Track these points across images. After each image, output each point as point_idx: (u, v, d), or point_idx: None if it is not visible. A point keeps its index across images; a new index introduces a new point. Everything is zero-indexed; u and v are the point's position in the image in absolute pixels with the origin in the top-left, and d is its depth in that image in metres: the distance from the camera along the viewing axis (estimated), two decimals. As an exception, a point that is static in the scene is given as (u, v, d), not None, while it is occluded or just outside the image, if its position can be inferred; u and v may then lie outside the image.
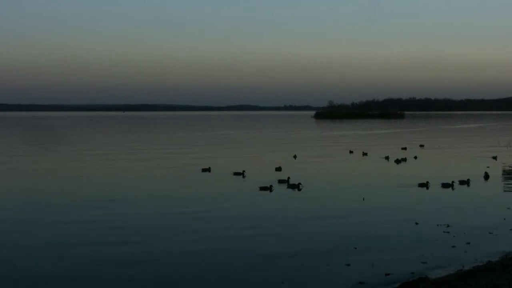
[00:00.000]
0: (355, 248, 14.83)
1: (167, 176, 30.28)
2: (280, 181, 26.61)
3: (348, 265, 13.39)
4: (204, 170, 31.78)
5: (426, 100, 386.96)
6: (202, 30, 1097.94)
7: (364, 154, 42.96)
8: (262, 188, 24.70)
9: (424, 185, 25.67)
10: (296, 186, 25.14)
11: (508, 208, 20.38)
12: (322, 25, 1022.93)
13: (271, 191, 24.44)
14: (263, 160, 38.12)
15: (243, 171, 30.09)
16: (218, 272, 13.00)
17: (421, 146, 52.45)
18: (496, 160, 38.05)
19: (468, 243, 15.26)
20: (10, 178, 30.54)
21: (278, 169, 31.98)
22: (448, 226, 17.30)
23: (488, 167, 33.00)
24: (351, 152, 45.13)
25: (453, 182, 25.67)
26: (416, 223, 17.79)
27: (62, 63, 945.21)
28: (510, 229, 17.01)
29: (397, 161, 37.03)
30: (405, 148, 48.65)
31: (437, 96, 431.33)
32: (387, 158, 37.80)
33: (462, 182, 26.21)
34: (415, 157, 38.70)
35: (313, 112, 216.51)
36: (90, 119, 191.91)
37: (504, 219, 18.49)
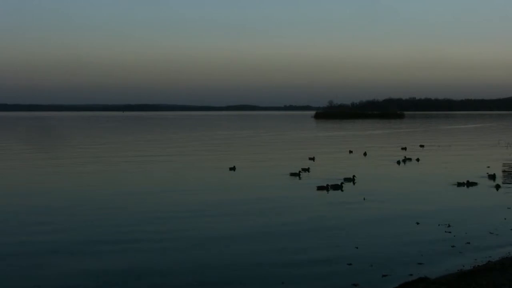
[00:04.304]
0: (357, 248, 14.90)
1: (204, 176, 30.30)
2: (346, 179, 27.33)
3: (350, 264, 13.45)
4: (230, 169, 32.73)
5: (426, 100, 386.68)
6: (202, 30, 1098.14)
7: (364, 154, 43.04)
8: (320, 188, 24.99)
9: (463, 184, 25.92)
10: (340, 187, 25.21)
11: (508, 208, 20.42)
12: (322, 25, 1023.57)
13: (328, 191, 24.63)
14: (280, 161, 38.34)
15: (299, 171, 30.41)
16: (218, 271, 13.01)
17: (421, 146, 52.48)
18: None
19: (468, 243, 15.29)
20: (19, 180, 30.55)
21: (306, 170, 31.88)
22: (449, 226, 17.34)
23: (488, 167, 33.05)
24: (350, 152, 45.23)
25: (497, 184, 25.80)
26: (417, 223, 17.85)
27: (62, 63, 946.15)
28: (511, 229, 17.06)
29: (398, 162, 37.00)
30: (405, 148, 48.64)
31: (437, 96, 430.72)
32: (403, 160, 37.39)
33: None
34: (417, 159, 38.29)
35: (313, 112, 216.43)
36: (92, 119, 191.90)
37: (505, 219, 18.52)
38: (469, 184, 26.02)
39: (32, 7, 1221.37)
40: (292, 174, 30.03)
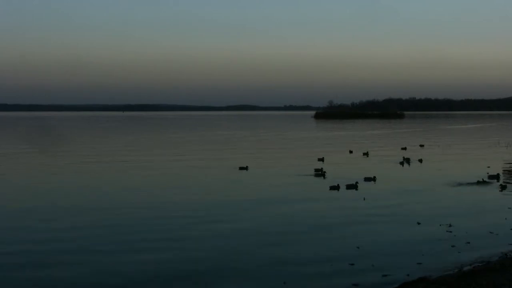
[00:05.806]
0: (358, 248, 14.98)
1: (218, 177, 30.18)
2: (366, 179, 27.66)
3: (352, 264, 13.52)
4: (242, 168, 32.96)
5: (426, 100, 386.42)
6: (202, 30, 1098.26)
7: (364, 154, 43.07)
8: (332, 188, 25.16)
9: (481, 182, 26.62)
10: (354, 186, 25.46)
11: (509, 208, 20.48)
12: (322, 25, 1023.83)
13: (338, 190, 24.81)
14: (288, 161, 38.41)
15: (324, 172, 30.57)
16: (218, 270, 13.10)
17: (421, 146, 52.54)
18: None
19: (469, 243, 15.37)
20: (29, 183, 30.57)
21: (320, 170, 31.69)
22: (450, 226, 17.41)
23: (488, 167, 33.10)
24: (350, 152, 45.27)
25: (502, 185, 26.03)
26: (418, 223, 17.92)
27: (62, 63, 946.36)
28: (511, 229, 17.12)
29: (401, 163, 36.88)
30: (405, 148, 48.65)
31: (437, 96, 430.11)
32: (407, 161, 37.22)
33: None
34: (420, 160, 37.96)
35: (313, 112, 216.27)
36: (92, 119, 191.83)
37: (505, 219, 18.59)
38: (484, 182, 26.62)
39: (32, 7, 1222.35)
40: (317, 175, 30.28)
